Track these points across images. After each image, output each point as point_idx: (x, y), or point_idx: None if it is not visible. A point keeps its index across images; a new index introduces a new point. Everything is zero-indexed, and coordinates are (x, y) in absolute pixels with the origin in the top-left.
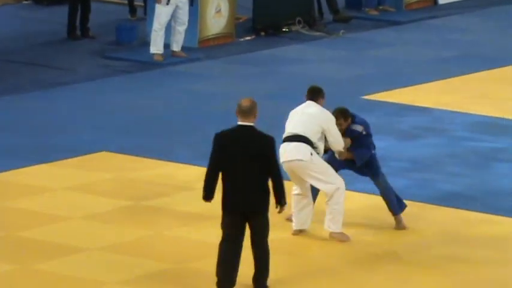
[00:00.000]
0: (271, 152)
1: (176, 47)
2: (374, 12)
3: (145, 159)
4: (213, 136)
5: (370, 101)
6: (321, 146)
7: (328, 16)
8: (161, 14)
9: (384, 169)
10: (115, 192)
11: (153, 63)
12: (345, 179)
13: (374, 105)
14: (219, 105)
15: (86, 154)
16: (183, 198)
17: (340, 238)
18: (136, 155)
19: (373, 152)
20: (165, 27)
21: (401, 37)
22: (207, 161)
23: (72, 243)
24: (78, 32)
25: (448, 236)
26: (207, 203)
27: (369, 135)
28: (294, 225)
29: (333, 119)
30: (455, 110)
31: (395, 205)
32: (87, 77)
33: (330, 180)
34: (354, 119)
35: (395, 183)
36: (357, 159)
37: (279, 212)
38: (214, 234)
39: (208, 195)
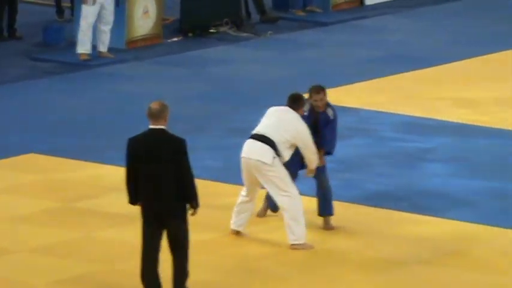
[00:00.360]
0: (183, 155)
1: (102, 47)
2: (301, 13)
3: (73, 161)
4: (126, 141)
5: None
6: (286, 155)
7: (255, 17)
8: (88, 14)
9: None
10: (43, 194)
11: (80, 64)
12: None
13: None
14: (146, 106)
15: (13, 156)
16: (111, 199)
17: (302, 248)
18: (65, 157)
19: None
20: (91, 27)
21: (329, 38)
22: None
23: (0, 245)
24: (5, 33)
25: (374, 236)
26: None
27: (336, 119)
28: (233, 225)
29: (305, 130)
30: (382, 110)
31: (330, 205)
32: (14, 78)
33: (286, 188)
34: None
35: None
36: (330, 148)
37: (192, 214)
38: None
39: (131, 199)
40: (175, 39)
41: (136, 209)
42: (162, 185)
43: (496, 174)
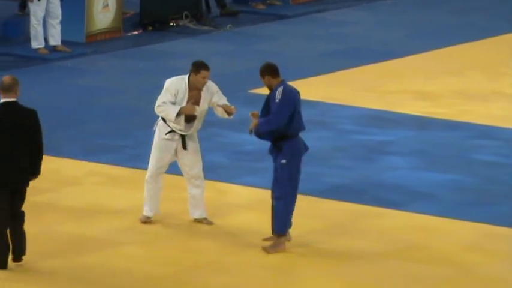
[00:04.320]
0: (36, 124)
1: (54, 41)
2: (261, 6)
3: None
4: None
5: (257, 94)
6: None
7: (215, 10)
8: (36, 10)
9: (270, 163)
10: None
11: (39, 58)
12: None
13: (261, 99)
14: (106, 99)
15: None
16: (70, 193)
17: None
18: None
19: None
20: (41, 21)
21: (288, 31)
22: (93, 156)
23: None
24: None
25: (334, 229)
26: (94, 198)
27: (282, 104)
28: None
29: (167, 83)
30: (341, 103)
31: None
32: None
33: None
34: (281, 81)
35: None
36: (258, 127)
37: (32, 179)
38: (103, 229)
39: None
40: (135, 32)
41: (96, 203)
42: (15, 155)
43: (455, 167)
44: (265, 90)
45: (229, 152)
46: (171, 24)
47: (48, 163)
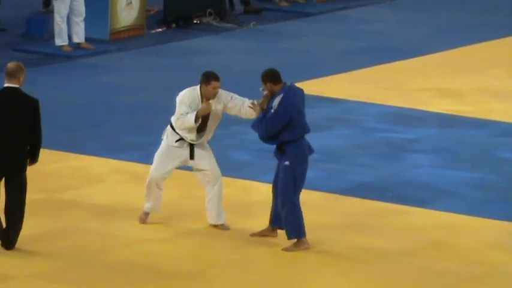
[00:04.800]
0: (36, 113)
1: (78, 38)
2: (284, 4)
3: (55, 152)
4: None
5: None
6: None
7: (239, 8)
8: (60, 8)
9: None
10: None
11: (63, 55)
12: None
13: None
14: (129, 97)
15: None
16: (93, 190)
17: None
18: (47, 148)
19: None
20: (65, 19)
21: (312, 28)
22: (117, 154)
23: None
24: None
25: (357, 227)
26: (118, 196)
27: (276, 115)
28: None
29: (180, 96)
30: (366, 101)
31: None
32: None
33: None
34: (283, 86)
35: (306, 174)
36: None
37: (29, 165)
38: (126, 227)
39: None
40: (158, 30)
41: (120, 201)
42: (11, 140)
43: (479, 164)
44: None
45: (253, 149)
46: (195, 21)
47: (72, 160)
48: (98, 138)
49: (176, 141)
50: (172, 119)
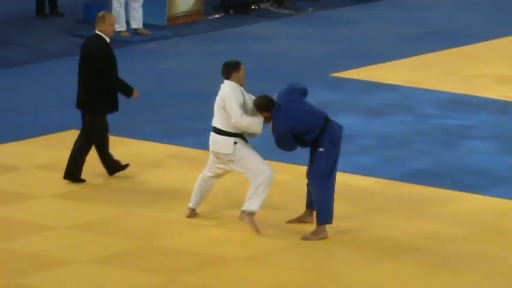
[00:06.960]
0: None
1: (135, 24)
2: None
3: (113, 137)
4: None
5: (338, 78)
6: (243, 125)
7: None
8: None
9: (350, 146)
10: (83, 170)
11: (121, 40)
12: None
13: (342, 82)
14: (187, 83)
15: (54, 132)
16: (151, 176)
17: (246, 220)
18: None
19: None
20: (123, 4)
21: (370, 14)
22: (175, 139)
23: (41, 221)
24: (47, 10)
25: (415, 213)
26: (175, 181)
27: (276, 140)
28: (192, 204)
29: (230, 94)
30: (423, 87)
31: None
32: (56, 55)
33: (254, 171)
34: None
35: (362, 160)
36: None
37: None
38: (182, 213)
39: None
40: (216, 16)
41: (177, 187)
42: (81, 81)
43: None
44: (346, 74)
45: None
46: (252, 7)
47: (130, 145)
48: (155, 124)
49: (242, 137)
50: (235, 118)
